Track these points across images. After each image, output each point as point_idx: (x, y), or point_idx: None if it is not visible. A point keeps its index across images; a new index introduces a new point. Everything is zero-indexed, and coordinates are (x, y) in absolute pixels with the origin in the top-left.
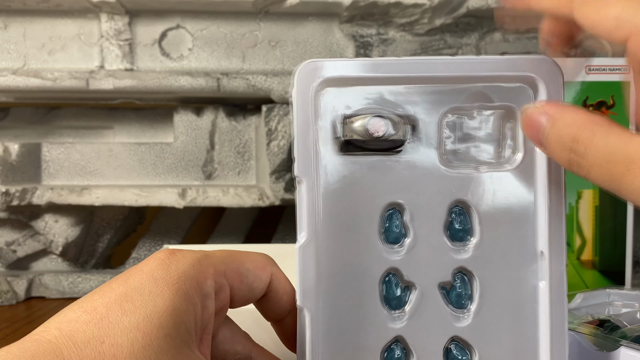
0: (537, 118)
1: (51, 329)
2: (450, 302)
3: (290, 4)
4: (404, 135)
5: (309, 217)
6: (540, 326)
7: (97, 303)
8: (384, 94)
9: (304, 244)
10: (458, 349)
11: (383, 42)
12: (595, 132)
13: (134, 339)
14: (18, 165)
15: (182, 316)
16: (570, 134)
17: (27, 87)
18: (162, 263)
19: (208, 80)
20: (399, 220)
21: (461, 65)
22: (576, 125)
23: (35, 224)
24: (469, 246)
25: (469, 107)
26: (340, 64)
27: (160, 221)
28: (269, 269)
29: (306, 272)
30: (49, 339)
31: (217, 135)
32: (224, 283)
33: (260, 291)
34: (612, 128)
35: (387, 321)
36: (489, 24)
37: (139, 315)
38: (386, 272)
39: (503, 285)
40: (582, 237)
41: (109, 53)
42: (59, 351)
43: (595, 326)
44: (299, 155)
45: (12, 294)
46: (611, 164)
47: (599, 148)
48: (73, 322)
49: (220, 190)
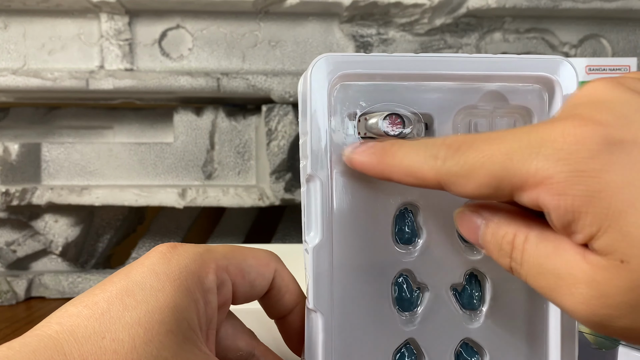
0: (472, 219)
1: (52, 324)
2: (461, 304)
3: (290, 4)
4: (418, 133)
5: (323, 216)
6: (551, 328)
7: (99, 297)
8: (400, 91)
9: (318, 245)
10: (469, 351)
11: (383, 42)
12: (527, 238)
13: (135, 335)
14: (18, 165)
15: (184, 312)
16: (506, 239)
17: (27, 87)
18: (163, 257)
19: (208, 80)
20: (412, 221)
21: (478, 63)
22: (511, 230)
23: (35, 224)
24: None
25: (484, 107)
26: (356, 59)
27: (160, 221)
28: (272, 265)
29: (319, 274)
30: (50, 334)
31: (217, 135)
32: (226, 278)
33: (262, 288)
34: (544, 234)
35: (399, 323)
36: (489, 24)
37: (140, 310)
38: (399, 273)
39: (514, 287)
40: None
41: (109, 53)
42: (59, 346)
43: None
44: (312, 153)
45: (12, 294)
46: (541, 276)
47: (530, 256)
48: (74, 317)
49: (220, 190)
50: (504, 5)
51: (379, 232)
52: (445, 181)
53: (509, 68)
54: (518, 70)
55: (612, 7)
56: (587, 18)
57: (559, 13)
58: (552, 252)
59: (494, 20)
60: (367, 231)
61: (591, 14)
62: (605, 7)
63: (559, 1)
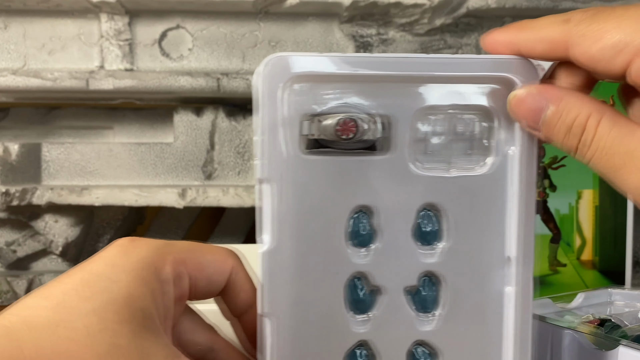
0: (534, 102)
1: (10, 314)
2: (415, 307)
3: (290, 4)
4: (374, 135)
5: (274, 220)
6: (506, 332)
7: (56, 289)
8: (355, 92)
9: (268, 250)
10: (423, 353)
11: (383, 42)
12: (601, 121)
13: (89, 323)
14: (18, 166)
15: (140, 302)
16: (577, 122)
17: (27, 87)
18: (121, 250)
19: (208, 80)
20: (367, 223)
21: (435, 64)
22: (584, 113)
23: (35, 224)
24: (437, 250)
25: (442, 107)
26: (309, 59)
27: (160, 221)
28: (230, 262)
29: (270, 278)
30: (5, 324)
31: (217, 135)
32: (183, 271)
33: (219, 284)
34: (616, 118)
35: (352, 325)
36: (489, 24)
37: (96, 300)
38: (352, 276)
39: (470, 290)
40: (582, 237)
41: (109, 53)
42: (13, 335)
43: (596, 325)
44: (263, 156)
45: (12, 294)
46: (609, 156)
47: (601, 138)
48: (30, 308)
49: (220, 190)
50: (504, 5)
51: (333, 234)
52: (573, 42)
53: (468, 69)
54: (477, 70)
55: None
56: None
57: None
58: (627, 134)
59: (494, 20)
60: (320, 234)
61: None
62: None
63: (558, 1)
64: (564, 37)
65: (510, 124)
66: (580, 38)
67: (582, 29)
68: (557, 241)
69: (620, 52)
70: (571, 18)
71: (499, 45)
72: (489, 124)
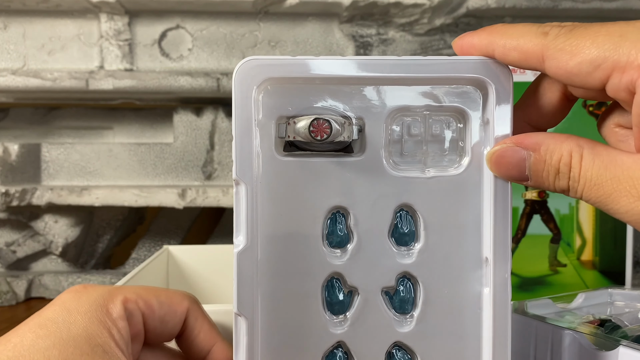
0: (514, 154)
1: None
2: (393, 308)
3: (290, 4)
4: (349, 136)
5: (248, 221)
6: (484, 333)
7: (11, 335)
8: (330, 94)
9: (241, 250)
10: (401, 354)
11: (383, 42)
12: (583, 155)
13: (50, 356)
14: (18, 166)
15: (98, 339)
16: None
17: (27, 87)
18: (74, 295)
19: (208, 80)
20: (343, 224)
21: (408, 66)
22: (565, 152)
23: (35, 224)
24: (413, 251)
25: (416, 108)
26: (282, 62)
27: (160, 221)
28: (185, 304)
29: (243, 279)
30: None
31: (217, 135)
32: (135, 309)
33: (174, 325)
34: (596, 148)
35: (329, 326)
36: (489, 23)
37: (54, 337)
38: (329, 277)
39: (447, 291)
40: (582, 237)
41: (109, 53)
42: None
43: (596, 326)
44: (238, 157)
45: (12, 294)
46: (598, 186)
47: (587, 170)
48: None
49: (220, 190)
50: (503, 5)
51: (309, 235)
52: (549, 55)
53: (441, 70)
54: (450, 72)
55: (612, 7)
56: (587, 18)
57: (558, 13)
58: (610, 161)
59: (493, 20)
60: (296, 235)
61: (591, 14)
62: (605, 7)
63: (558, 1)
64: (540, 49)
65: (485, 124)
66: (559, 52)
67: (559, 42)
68: (558, 241)
69: (598, 68)
70: (549, 32)
71: (472, 49)
72: (464, 124)
